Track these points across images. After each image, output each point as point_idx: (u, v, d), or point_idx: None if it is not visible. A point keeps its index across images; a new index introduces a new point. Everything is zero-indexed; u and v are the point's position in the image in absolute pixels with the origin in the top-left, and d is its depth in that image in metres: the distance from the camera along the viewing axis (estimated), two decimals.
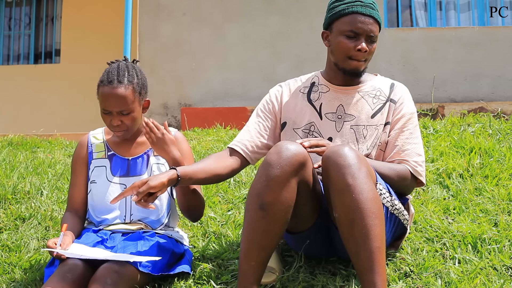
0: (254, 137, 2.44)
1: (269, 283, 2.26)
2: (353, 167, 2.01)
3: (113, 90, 2.37)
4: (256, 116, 2.50)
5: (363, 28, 2.29)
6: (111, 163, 2.50)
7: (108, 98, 2.38)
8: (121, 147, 2.53)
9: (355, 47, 2.30)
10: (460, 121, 4.35)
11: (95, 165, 2.51)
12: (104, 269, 2.15)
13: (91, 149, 2.54)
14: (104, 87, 2.40)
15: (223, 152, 2.44)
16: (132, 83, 2.41)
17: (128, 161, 2.50)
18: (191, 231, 2.86)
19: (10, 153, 4.58)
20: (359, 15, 2.30)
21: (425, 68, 7.24)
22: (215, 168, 2.33)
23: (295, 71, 6.58)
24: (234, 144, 2.44)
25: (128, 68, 2.45)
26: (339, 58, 2.35)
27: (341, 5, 2.33)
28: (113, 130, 2.45)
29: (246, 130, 2.48)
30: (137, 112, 2.44)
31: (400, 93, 2.44)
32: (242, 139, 2.45)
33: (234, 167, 2.40)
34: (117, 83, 2.38)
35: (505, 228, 2.60)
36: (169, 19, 7.64)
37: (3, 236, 2.90)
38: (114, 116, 2.40)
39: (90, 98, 9.03)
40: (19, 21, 9.13)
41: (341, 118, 2.40)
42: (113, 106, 2.38)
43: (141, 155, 2.51)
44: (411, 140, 2.38)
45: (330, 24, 2.36)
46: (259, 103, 2.54)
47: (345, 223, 2.00)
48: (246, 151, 2.42)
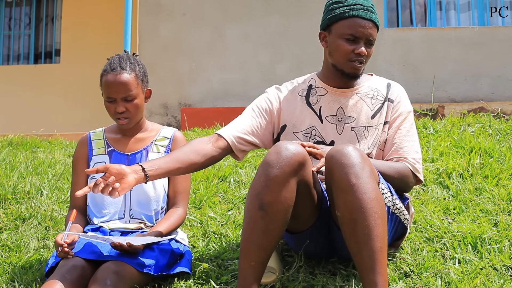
0: (244, 130, 2.41)
1: (269, 283, 2.26)
2: (356, 167, 2.01)
3: (117, 76, 2.42)
4: (251, 111, 2.46)
5: (363, 32, 2.30)
6: (111, 158, 2.52)
7: (112, 85, 2.42)
8: (120, 143, 2.55)
9: (354, 51, 2.30)
10: (460, 121, 4.35)
11: (95, 162, 2.52)
12: (103, 269, 2.15)
13: (91, 146, 2.57)
14: (107, 75, 2.43)
15: (208, 138, 2.37)
16: (135, 70, 2.46)
17: (127, 156, 2.52)
18: (191, 231, 2.86)
19: (10, 153, 4.58)
20: (359, 19, 2.30)
21: (425, 68, 7.24)
22: (191, 157, 2.27)
23: (295, 71, 6.58)
24: (223, 131, 2.40)
25: (129, 58, 2.50)
26: (338, 60, 2.35)
27: (341, 8, 2.32)
28: (118, 118, 2.46)
29: (238, 121, 2.44)
30: (140, 99, 2.48)
31: (397, 92, 2.45)
32: (232, 129, 2.40)
33: (214, 154, 2.34)
34: (120, 70, 2.43)
35: (505, 228, 2.60)
36: (169, 19, 7.64)
37: (3, 236, 2.90)
38: (118, 103, 2.43)
39: (90, 98, 9.03)
40: (19, 21, 9.13)
41: (341, 120, 2.40)
42: (117, 92, 2.42)
43: (140, 150, 2.53)
44: (409, 138, 2.39)
45: (329, 25, 2.36)
46: (256, 99, 2.50)
47: (347, 222, 2.00)
48: (234, 141, 2.38)
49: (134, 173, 2.13)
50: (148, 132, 2.58)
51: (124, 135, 2.56)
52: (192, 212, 3.09)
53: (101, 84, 2.46)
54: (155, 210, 2.48)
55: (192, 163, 2.28)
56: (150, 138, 2.56)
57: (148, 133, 2.57)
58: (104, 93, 2.46)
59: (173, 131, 2.58)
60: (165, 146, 2.54)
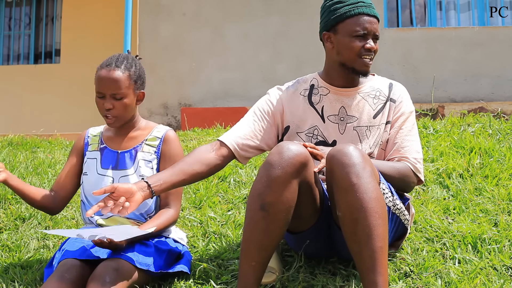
0: (247, 135, 2.41)
1: (269, 283, 2.26)
2: (357, 166, 2.01)
3: (109, 72, 2.41)
4: (253, 115, 2.46)
5: (370, 28, 2.32)
6: (102, 155, 2.53)
7: (102, 80, 2.41)
8: (113, 141, 2.55)
9: (365, 46, 2.32)
10: (460, 121, 4.35)
11: (88, 157, 2.55)
12: (102, 266, 2.16)
13: (87, 141, 2.59)
14: (101, 70, 2.44)
15: (211, 145, 2.38)
16: (129, 70, 2.45)
17: (117, 154, 2.52)
18: (191, 231, 2.86)
19: (10, 153, 4.58)
20: (365, 16, 2.32)
21: (425, 68, 7.24)
22: (196, 168, 2.28)
23: (295, 71, 6.60)
24: (225, 138, 2.39)
25: (128, 58, 2.49)
26: (349, 58, 2.35)
27: (345, 7, 2.33)
28: (105, 115, 2.45)
29: (240, 126, 2.44)
30: (130, 100, 2.45)
31: (399, 92, 2.46)
32: (234, 135, 2.40)
33: (218, 163, 2.35)
34: (115, 67, 2.43)
35: (505, 228, 2.60)
36: (169, 19, 7.64)
37: (3, 236, 2.90)
38: (106, 100, 2.42)
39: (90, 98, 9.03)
40: (19, 21, 9.13)
41: (343, 120, 2.41)
42: (107, 88, 2.41)
43: (129, 149, 2.52)
44: (410, 138, 2.39)
45: (334, 25, 2.36)
46: (257, 101, 2.50)
47: (348, 222, 2.01)
48: (236, 148, 2.38)
49: (141, 191, 2.14)
50: (141, 130, 2.55)
51: (118, 133, 2.56)
52: (192, 212, 3.09)
53: (95, 79, 2.46)
54: (145, 210, 2.46)
55: (196, 173, 2.29)
56: (142, 137, 2.54)
57: (141, 132, 2.55)
58: (96, 88, 2.45)
59: (165, 131, 2.54)
60: (155, 146, 2.50)
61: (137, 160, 2.48)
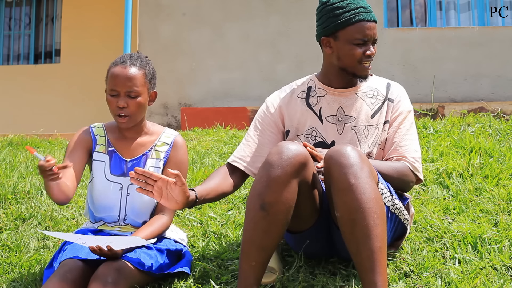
0: (254, 152, 2.44)
1: (269, 283, 2.26)
2: (355, 167, 2.01)
3: (125, 69, 2.36)
4: (255, 129, 2.49)
5: (370, 34, 2.33)
6: (111, 161, 2.45)
7: (118, 76, 2.35)
8: (121, 146, 2.47)
9: (365, 53, 2.33)
10: (460, 121, 4.35)
11: (95, 158, 2.45)
12: (104, 267, 2.15)
13: (95, 139, 2.48)
14: (115, 67, 2.37)
15: (224, 169, 2.43)
16: (144, 68, 2.41)
17: (125, 163, 2.45)
18: (191, 231, 2.86)
19: (10, 153, 4.58)
20: (365, 22, 2.32)
21: (425, 68, 7.24)
22: (223, 187, 2.36)
23: (295, 71, 6.60)
24: (234, 161, 2.44)
25: (141, 57, 2.46)
26: (350, 64, 2.36)
27: (345, 13, 2.32)
28: (117, 114, 2.37)
29: (246, 145, 2.47)
30: (144, 98, 2.41)
31: (397, 91, 2.46)
32: (242, 155, 2.44)
33: (237, 183, 2.43)
34: (130, 64, 2.38)
35: (505, 228, 2.60)
36: (169, 19, 7.64)
37: (3, 236, 2.90)
38: (120, 98, 2.35)
39: (90, 98, 9.01)
40: (19, 21, 9.13)
41: (341, 120, 2.41)
42: (122, 85, 2.35)
43: (139, 156, 2.46)
44: (408, 137, 2.39)
45: (334, 32, 2.36)
46: (257, 112, 2.52)
47: (346, 222, 2.01)
48: (248, 167, 2.43)
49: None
50: (148, 136, 2.50)
51: (125, 137, 2.48)
52: (192, 212, 3.09)
53: (107, 77, 2.39)
54: (145, 218, 2.44)
55: (223, 192, 2.37)
56: (150, 142, 2.48)
57: (149, 137, 2.49)
58: (108, 86, 2.38)
59: (174, 137, 2.51)
60: (164, 152, 2.48)
61: (147, 167, 2.44)
